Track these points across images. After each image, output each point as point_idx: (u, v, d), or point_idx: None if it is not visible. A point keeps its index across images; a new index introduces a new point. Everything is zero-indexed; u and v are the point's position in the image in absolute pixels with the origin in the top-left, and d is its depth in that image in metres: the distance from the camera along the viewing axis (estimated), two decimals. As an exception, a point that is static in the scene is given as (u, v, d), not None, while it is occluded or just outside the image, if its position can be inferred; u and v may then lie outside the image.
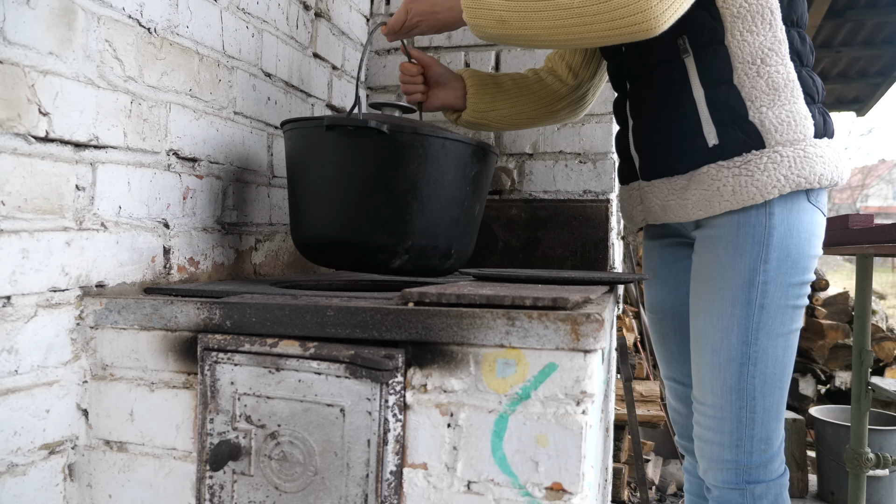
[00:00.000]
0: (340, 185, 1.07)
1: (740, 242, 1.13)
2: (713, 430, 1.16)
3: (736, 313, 1.12)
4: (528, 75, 1.46)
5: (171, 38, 1.14)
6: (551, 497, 0.78)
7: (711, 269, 1.16)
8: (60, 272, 0.94)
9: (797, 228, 1.12)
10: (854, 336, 2.15)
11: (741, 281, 1.12)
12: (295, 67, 1.56)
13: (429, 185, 1.06)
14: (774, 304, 1.12)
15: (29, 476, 0.90)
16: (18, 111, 0.87)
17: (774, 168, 1.09)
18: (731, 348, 1.13)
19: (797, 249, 1.12)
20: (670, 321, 1.37)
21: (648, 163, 1.24)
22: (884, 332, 4.09)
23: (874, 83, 4.72)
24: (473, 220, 1.15)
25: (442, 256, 1.09)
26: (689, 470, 1.44)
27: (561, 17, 1.01)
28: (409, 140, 1.05)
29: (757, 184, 1.09)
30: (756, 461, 1.14)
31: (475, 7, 1.07)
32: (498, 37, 1.09)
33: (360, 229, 1.07)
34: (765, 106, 1.10)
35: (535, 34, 1.05)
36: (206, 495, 0.90)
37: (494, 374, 0.80)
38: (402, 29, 1.19)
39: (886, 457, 2.09)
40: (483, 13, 1.06)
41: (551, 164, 1.82)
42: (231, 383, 0.89)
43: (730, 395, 1.13)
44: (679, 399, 1.41)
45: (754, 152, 1.10)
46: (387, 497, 0.82)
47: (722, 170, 1.12)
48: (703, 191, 1.14)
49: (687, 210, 1.18)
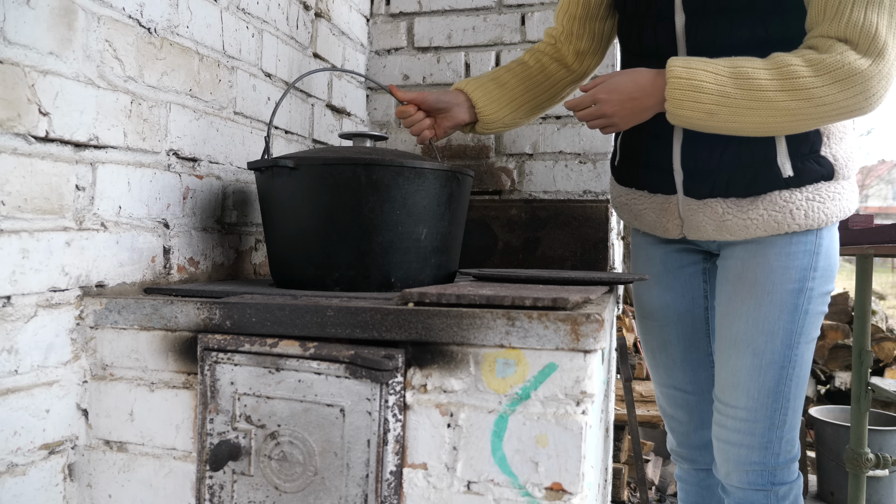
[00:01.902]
0: (298, 223, 1.07)
1: (793, 251, 1.16)
2: (742, 433, 1.18)
3: (783, 317, 1.15)
4: (530, 63, 1.39)
5: (171, 38, 1.14)
6: (551, 497, 0.78)
7: (759, 274, 1.18)
8: (60, 272, 0.94)
9: (834, 241, 1.20)
10: (854, 336, 2.15)
11: (791, 287, 1.16)
12: (295, 67, 1.56)
13: (376, 213, 1.03)
14: (815, 311, 1.17)
15: (29, 476, 0.90)
16: (18, 111, 0.87)
17: (840, 199, 1.16)
18: (775, 352, 1.16)
19: (833, 260, 1.19)
20: (674, 328, 1.35)
21: (700, 182, 1.19)
22: (884, 332, 4.08)
23: (874, 83, 4.71)
24: (444, 243, 1.11)
25: (406, 283, 1.06)
26: (682, 478, 1.42)
27: (774, 116, 1.02)
28: (319, 172, 1.03)
29: (826, 210, 1.15)
30: (782, 462, 1.18)
31: (683, 99, 1.05)
32: (700, 126, 1.08)
33: (294, 265, 1.08)
34: (835, 142, 1.14)
35: (741, 128, 1.05)
36: (206, 495, 0.90)
37: (494, 375, 0.80)
38: (587, 119, 1.16)
39: (886, 457, 2.09)
40: (691, 105, 1.04)
41: (551, 165, 1.82)
42: (231, 383, 0.89)
43: (767, 397, 1.16)
44: (679, 406, 1.38)
45: (824, 182, 1.14)
46: (387, 497, 0.82)
47: (795, 193, 1.14)
48: (773, 212, 1.15)
49: (749, 229, 1.18)
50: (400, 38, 1.94)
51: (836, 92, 0.99)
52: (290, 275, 1.09)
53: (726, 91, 1.02)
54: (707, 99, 1.03)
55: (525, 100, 1.37)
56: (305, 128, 1.62)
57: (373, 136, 1.20)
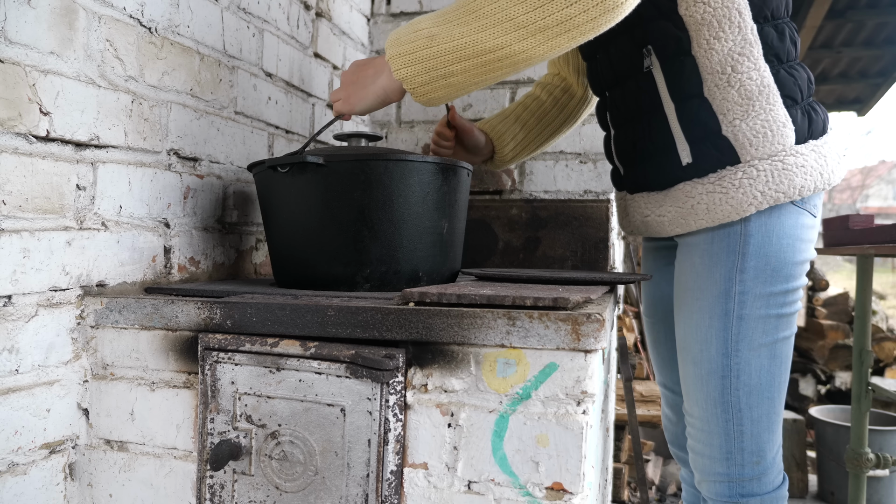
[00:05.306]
0: (295, 222, 1.06)
1: (715, 251, 1.08)
2: (703, 443, 1.13)
3: (714, 325, 1.08)
4: (543, 98, 1.43)
5: (171, 37, 1.14)
6: (552, 497, 0.78)
7: (688, 279, 1.12)
8: (61, 272, 0.94)
9: (777, 234, 1.05)
10: (854, 336, 2.15)
11: (717, 291, 1.07)
12: (296, 67, 1.56)
13: (378, 210, 1.02)
14: (754, 315, 1.06)
15: (30, 475, 0.90)
16: (19, 111, 0.87)
17: (750, 184, 1.03)
18: (712, 361, 1.08)
19: (778, 257, 1.05)
20: (661, 326, 1.35)
21: (629, 175, 1.20)
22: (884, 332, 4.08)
23: (875, 83, 4.72)
24: (444, 241, 1.10)
25: (408, 280, 1.05)
26: (685, 479, 1.41)
27: (482, 21, 0.87)
28: (349, 168, 1.02)
29: (731, 201, 1.04)
30: (749, 474, 1.10)
31: (395, 44, 0.94)
32: (436, 68, 0.91)
33: (316, 264, 1.05)
34: (738, 118, 1.03)
35: (470, 44, 0.88)
36: (207, 495, 0.90)
37: (495, 374, 0.80)
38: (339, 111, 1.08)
39: (886, 457, 2.09)
40: (408, 39, 0.93)
41: (552, 164, 1.82)
42: (232, 383, 0.89)
43: (714, 408, 1.09)
44: (670, 406, 1.38)
45: (728, 168, 1.04)
46: (387, 497, 0.82)
47: (696, 186, 1.07)
48: (678, 208, 1.10)
49: (664, 226, 1.15)
50: (400, 37, 1.93)
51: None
52: (307, 275, 1.07)
53: (433, 16, 0.92)
54: (421, 31, 0.91)
55: (545, 136, 1.45)
56: (306, 127, 1.62)
57: (368, 136, 1.19)
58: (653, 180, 1.14)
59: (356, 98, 1.03)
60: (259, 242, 1.44)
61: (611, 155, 1.26)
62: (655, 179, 1.13)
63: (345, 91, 1.06)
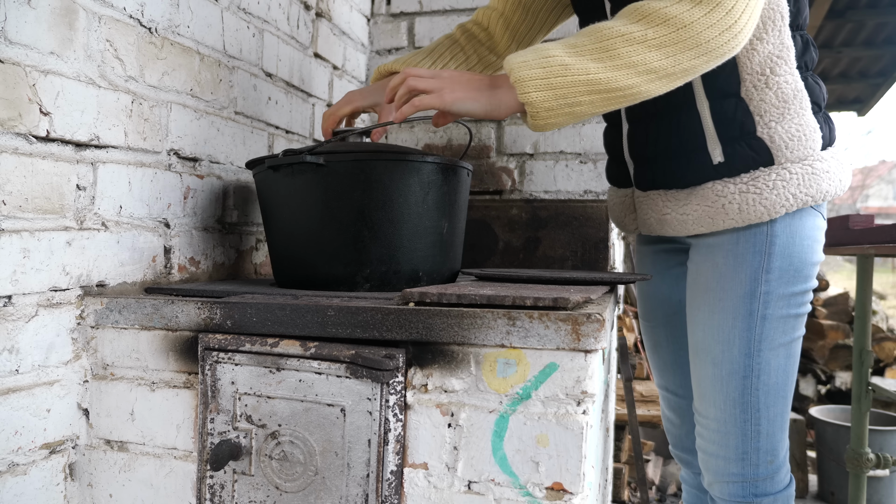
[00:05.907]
0: (295, 222, 1.05)
1: (741, 251, 1.08)
2: (717, 444, 1.13)
3: (737, 325, 1.08)
4: (462, 43, 1.34)
5: (172, 37, 1.14)
6: (552, 497, 0.78)
7: (710, 279, 1.11)
8: (61, 272, 0.94)
9: (800, 235, 1.07)
10: (854, 336, 2.15)
11: (742, 292, 1.07)
12: (296, 67, 1.56)
13: (378, 210, 1.02)
14: (777, 315, 1.07)
15: (30, 475, 0.90)
16: (19, 111, 0.87)
17: (784, 186, 1.04)
18: (734, 361, 1.08)
19: (800, 257, 1.07)
20: (663, 330, 1.33)
21: (644, 172, 1.17)
22: (884, 332, 4.09)
23: (875, 83, 4.72)
24: (444, 241, 1.09)
25: (408, 280, 1.05)
26: (686, 480, 1.41)
27: (616, 63, 0.89)
28: (349, 168, 1.01)
29: (765, 202, 1.05)
30: (763, 473, 1.11)
31: (526, 68, 0.91)
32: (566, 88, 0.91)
33: (316, 264, 1.05)
34: (774, 120, 1.04)
35: (599, 80, 0.90)
36: (207, 495, 0.90)
37: (495, 374, 0.80)
38: (406, 99, 1.00)
39: (887, 457, 2.09)
40: (538, 64, 0.91)
41: (552, 164, 1.82)
42: (232, 383, 0.89)
43: (734, 408, 1.09)
44: (672, 409, 1.37)
45: (762, 169, 1.05)
46: (387, 497, 0.82)
47: (728, 186, 1.06)
48: (706, 207, 1.09)
49: (686, 225, 1.13)
50: (401, 37, 1.94)
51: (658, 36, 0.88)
52: (307, 275, 1.07)
53: (561, 45, 0.92)
54: (553, 59, 0.91)
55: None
56: (306, 127, 1.62)
57: (363, 132, 1.18)
58: (676, 178, 1.12)
59: (458, 95, 0.96)
60: (259, 242, 1.44)
61: (619, 150, 1.23)
62: (680, 177, 1.12)
63: (439, 83, 0.97)
